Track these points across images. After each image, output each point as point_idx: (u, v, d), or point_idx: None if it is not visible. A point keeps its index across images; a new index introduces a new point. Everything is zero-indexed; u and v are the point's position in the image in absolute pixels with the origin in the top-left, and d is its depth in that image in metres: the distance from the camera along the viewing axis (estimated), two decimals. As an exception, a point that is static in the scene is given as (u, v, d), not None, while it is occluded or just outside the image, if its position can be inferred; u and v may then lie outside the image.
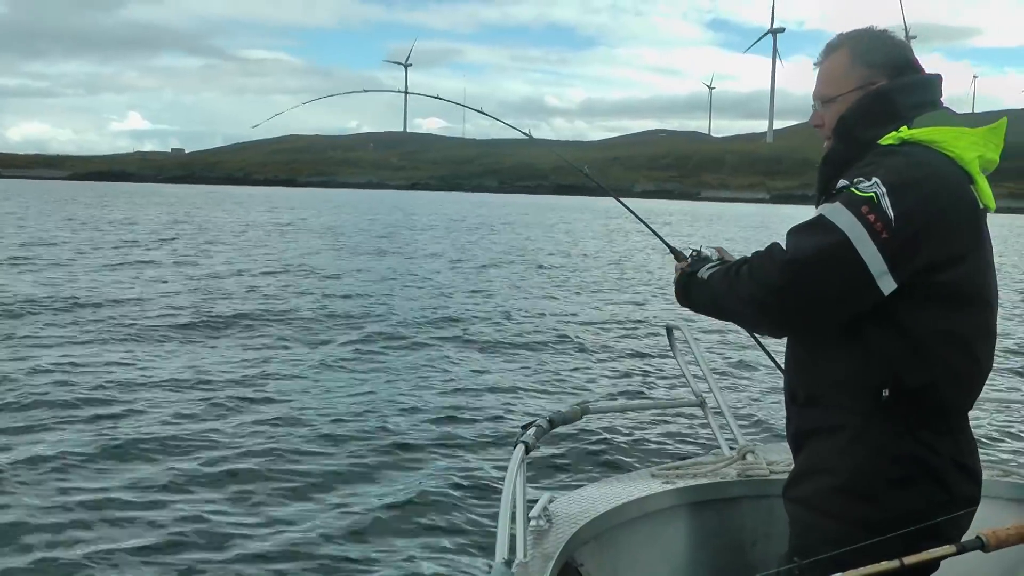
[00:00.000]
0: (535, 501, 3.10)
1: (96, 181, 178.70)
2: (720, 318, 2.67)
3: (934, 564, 2.34)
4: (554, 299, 19.94)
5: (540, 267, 28.07)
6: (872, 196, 2.22)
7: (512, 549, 2.65)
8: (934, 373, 2.28)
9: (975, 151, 2.37)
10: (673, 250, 3.02)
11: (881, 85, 2.46)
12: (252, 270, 24.08)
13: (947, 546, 1.93)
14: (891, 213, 2.20)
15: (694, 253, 2.90)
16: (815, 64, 2.62)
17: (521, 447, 3.03)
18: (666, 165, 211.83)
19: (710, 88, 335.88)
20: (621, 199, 3.95)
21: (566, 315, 17.09)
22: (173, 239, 34.87)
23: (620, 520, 3.26)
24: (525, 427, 3.23)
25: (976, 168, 2.37)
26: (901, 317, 2.26)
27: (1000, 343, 3.60)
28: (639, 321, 16.63)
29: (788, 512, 2.51)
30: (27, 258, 25.08)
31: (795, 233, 2.33)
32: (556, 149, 10.94)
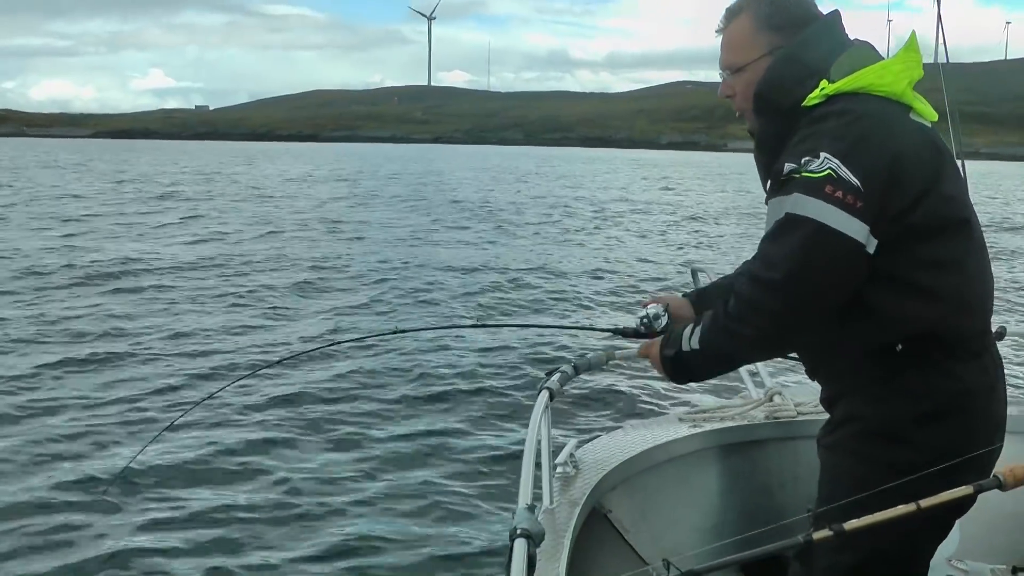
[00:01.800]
0: (561, 448, 3.09)
1: (120, 139, 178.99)
2: (731, 370, 2.57)
3: (964, 502, 2.34)
4: (580, 245, 19.83)
5: (566, 208, 27.89)
6: (829, 172, 2.14)
7: (535, 495, 2.62)
8: (937, 307, 2.23)
9: (904, 80, 2.30)
10: (621, 331, 2.91)
11: (784, 49, 2.38)
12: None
13: (964, 487, 1.91)
14: (855, 181, 2.14)
15: (644, 319, 2.77)
16: (717, 31, 2.54)
17: (545, 393, 3.01)
18: (692, 117, 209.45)
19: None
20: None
21: (589, 259, 16.94)
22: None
23: (647, 465, 3.25)
24: (549, 373, 3.21)
25: (910, 96, 2.31)
26: (888, 269, 2.21)
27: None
28: (662, 258, 16.48)
29: (820, 459, 2.50)
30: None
31: (769, 243, 2.24)
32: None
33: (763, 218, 2.36)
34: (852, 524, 1.87)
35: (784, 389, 3.72)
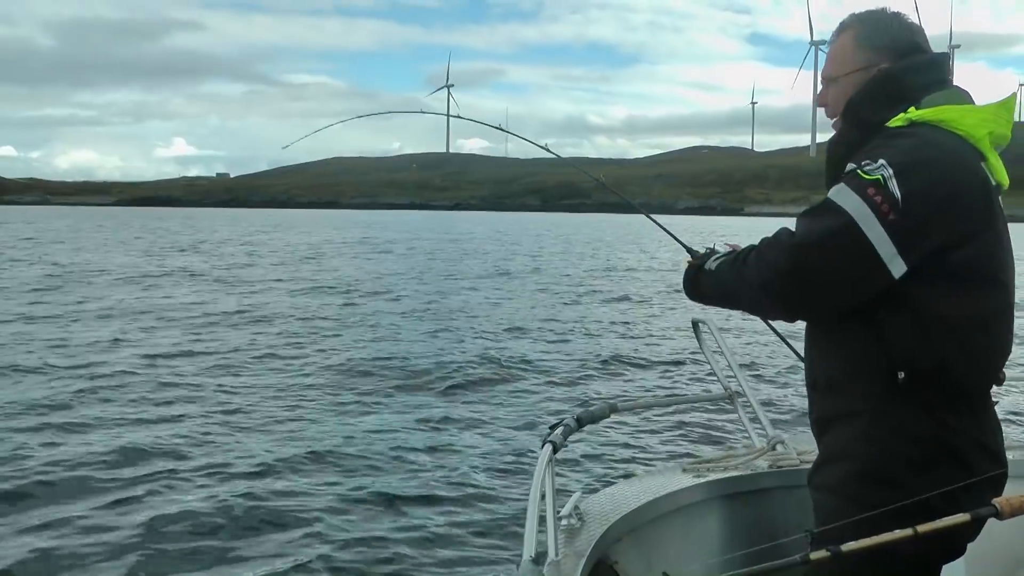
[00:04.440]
0: (565, 500, 3.11)
1: (143, 207, 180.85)
2: (729, 307, 2.67)
3: (960, 542, 2.35)
4: (580, 300, 19.76)
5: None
6: (879, 178, 2.21)
7: (540, 547, 2.64)
8: (947, 353, 2.25)
9: (985, 128, 2.35)
10: (688, 248, 3.04)
11: (887, 67, 2.44)
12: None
13: (961, 514, 1.92)
14: (898, 194, 2.19)
15: (708, 251, 2.93)
16: (828, 43, 2.64)
17: (549, 446, 3.02)
18: (709, 181, 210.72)
19: (752, 104, 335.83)
20: (651, 215, 3.96)
21: (592, 313, 16.83)
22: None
23: (652, 515, 3.24)
24: (553, 427, 3.22)
25: (987, 145, 2.36)
26: (914, 300, 2.24)
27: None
28: (665, 316, 16.35)
29: (812, 499, 2.51)
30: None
31: (803, 217, 2.32)
32: (585, 167, 10.77)
33: None
34: (849, 546, 1.89)
35: (786, 437, 3.71)
